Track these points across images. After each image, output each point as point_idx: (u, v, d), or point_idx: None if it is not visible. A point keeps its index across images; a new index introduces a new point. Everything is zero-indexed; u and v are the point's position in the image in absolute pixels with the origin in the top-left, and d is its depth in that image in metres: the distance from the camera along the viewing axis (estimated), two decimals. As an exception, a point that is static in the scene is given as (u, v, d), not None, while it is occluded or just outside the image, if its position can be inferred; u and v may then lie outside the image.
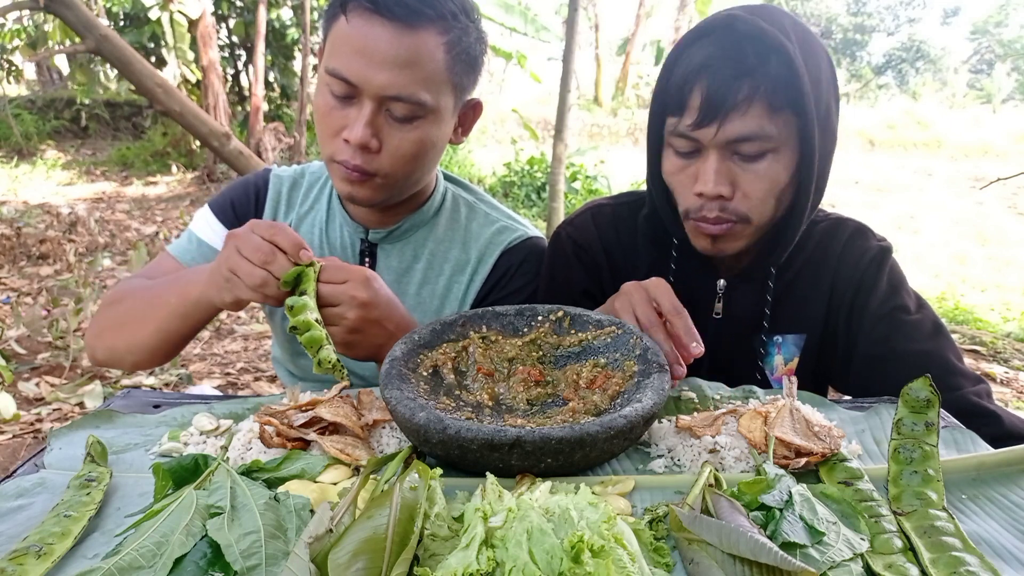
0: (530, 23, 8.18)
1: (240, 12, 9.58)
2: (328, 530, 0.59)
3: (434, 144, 1.12)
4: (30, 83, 13.71)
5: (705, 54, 0.99)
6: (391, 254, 1.26)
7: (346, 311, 0.95)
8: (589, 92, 17.72)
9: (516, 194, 7.99)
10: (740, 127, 0.97)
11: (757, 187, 1.02)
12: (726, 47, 0.98)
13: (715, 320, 1.18)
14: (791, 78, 0.96)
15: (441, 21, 1.04)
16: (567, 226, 1.29)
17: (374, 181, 1.10)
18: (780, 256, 1.12)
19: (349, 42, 1.02)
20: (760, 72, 0.96)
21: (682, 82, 1.00)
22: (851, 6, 27.79)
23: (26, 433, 2.78)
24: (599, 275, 1.25)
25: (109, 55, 6.16)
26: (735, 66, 0.96)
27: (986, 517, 0.69)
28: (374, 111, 1.04)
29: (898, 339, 1.10)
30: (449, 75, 1.07)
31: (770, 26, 0.97)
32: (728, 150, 1.00)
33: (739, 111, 0.97)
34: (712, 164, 1.01)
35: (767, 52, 0.96)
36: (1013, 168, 6.12)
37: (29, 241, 5.56)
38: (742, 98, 0.96)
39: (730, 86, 0.96)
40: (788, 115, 0.98)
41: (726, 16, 0.99)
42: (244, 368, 3.62)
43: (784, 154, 1.01)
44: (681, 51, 1.03)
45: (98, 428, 0.87)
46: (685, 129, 1.01)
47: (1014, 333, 4.43)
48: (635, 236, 1.24)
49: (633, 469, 0.78)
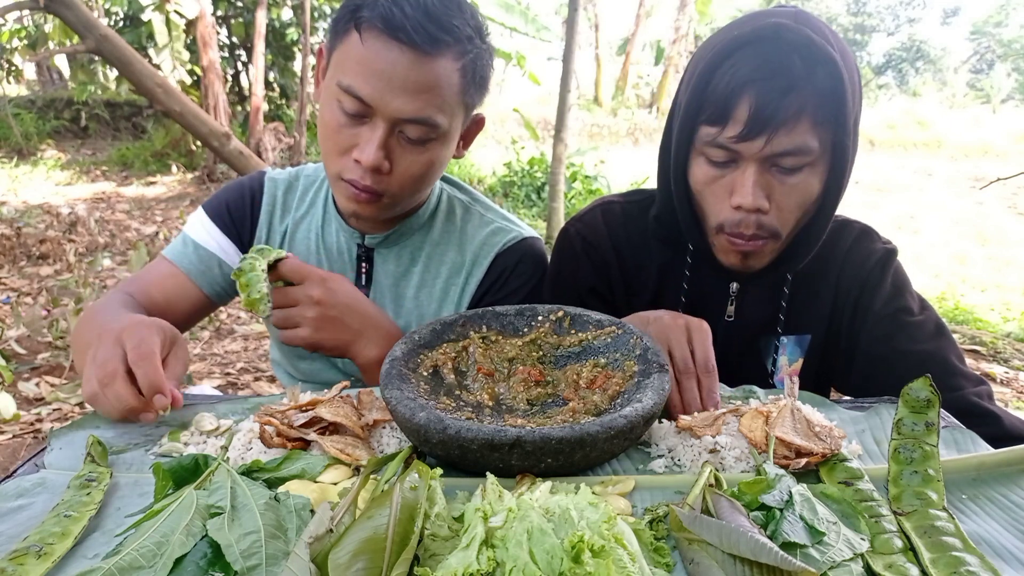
0: (530, 23, 8.18)
1: (240, 12, 9.58)
2: (328, 530, 0.59)
3: (441, 163, 1.13)
4: (30, 83, 13.71)
5: (752, 65, 0.95)
6: (388, 258, 1.26)
7: (305, 310, 1.03)
8: (589, 92, 17.73)
9: (516, 194, 7.99)
10: (786, 142, 0.95)
11: (791, 200, 1.00)
12: (774, 58, 0.94)
13: (726, 322, 1.18)
14: (838, 91, 0.94)
15: (458, 46, 1.02)
16: (576, 222, 1.28)
17: (381, 201, 1.10)
18: (798, 263, 1.11)
19: (365, 63, 1.00)
20: (808, 86, 0.93)
21: (727, 92, 0.96)
22: (851, 6, 27.79)
23: (26, 433, 2.78)
24: (608, 273, 1.24)
25: (109, 55, 6.16)
26: (785, 80, 0.93)
27: (986, 517, 0.69)
28: (387, 133, 1.03)
29: (900, 339, 1.10)
30: (462, 97, 1.07)
31: (818, 36, 0.95)
32: (768, 163, 0.98)
33: (787, 126, 0.94)
34: (751, 176, 0.98)
35: (815, 64, 0.94)
36: (1013, 168, 6.11)
37: (29, 241, 5.56)
38: (791, 113, 0.94)
39: (780, 101, 0.93)
40: (828, 128, 0.97)
41: (773, 25, 0.96)
42: (244, 368, 3.62)
43: (819, 167, 0.99)
44: (723, 59, 0.98)
45: (98, 428, 0.87)
46: (726, 141, 0.98)
47: (1014, 333, 4.43)
48: (645, 235, 1.23)
49: (633, 469, 0.78)
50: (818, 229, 1.06)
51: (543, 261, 1.30)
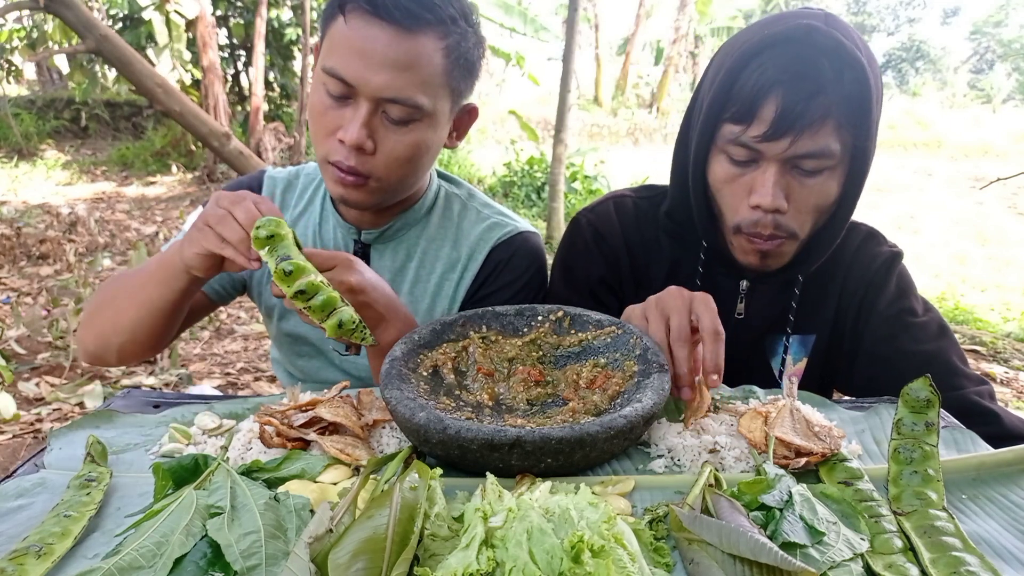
0: (530, 23, 8.18)
1: (240, 12, 9.58)
2: (328, 530, 0.59)
3: (428, 148, 1.12)
4: (30, 83, 13.71)
5: (781, 65, 0.95)
6: (384, 254, 1.26)
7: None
8: (589, 92, 17.74)
9: (516, 194, 7.99)
10: (810, 144, 0.96)
11: (809, 202, 1.00)
12: (804, 60, 0.95)
13: (736, 320, 1.18)
14: (864, 96, 0.95)
15: (440, 26, 1.04)
16: (588, 213, 1.27)
17: (368, 185, 1.09)
18: (812, 265, 1.11)
19: (347, 42, 1.02)
20: (835, 90, 0.94)
21: (754, 91, 0.96)
22: (851, 6, 27.80)
23: (26, 433, 2.78)
24: (618, 266, 1.24)
25: (109, 55, 6.16)
26: (813, 82, 0.94)
27: (986, 517, 0.69)
28: (370, 112, 1.04)
29: (903, 339, 1.11)
30: (447, 79, 1.07)
31: (847, 40, 0.95)
32: (789, 164, 0.99)
33: (812, 129, 0.95)
34: (772, 176, 0.98)
35: (843, 68, 0.94)
36: (1013, 168, 6.12)
37: (29, 241, 5.56)
38: (817, 116, 0.94)
39: (807, 103, 0.94)
40: (850, 132, 0.97)
41: (805, 27, 0.96)
42: (244, 368, 3.62)
43: (838, 170, 1.00)
44: (751, 57, 0.98)
45: (98, 428, 0.87)
46: (749, 140, 0.98)
47: (1014, 333, 4.43)
48: (656, 231, 1.23)
49: (633, 469, 0.78)
50: (834, 231, 1.07)
51: (539, 256, 1.30)
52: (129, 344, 1.12)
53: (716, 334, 0.86)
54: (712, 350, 0.86)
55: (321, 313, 0.84)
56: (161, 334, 1.12)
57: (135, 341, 1.12)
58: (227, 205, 0.93)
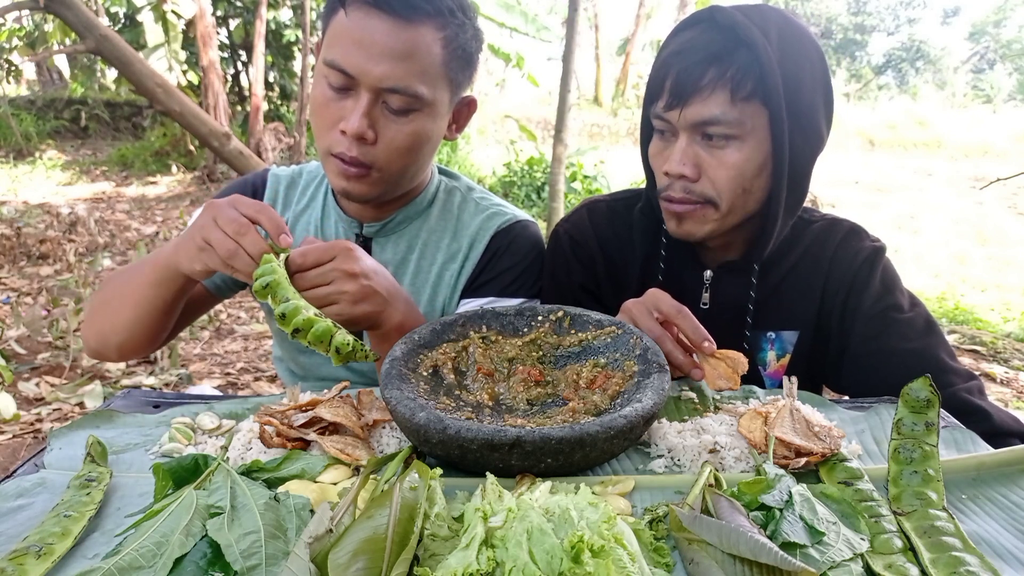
0: (530, 23, 8.18)
1: (240, 12, 9.58)
2: (328, 530, 0.59)
3: (429, 138, 1.14)
4: (30, 83, 13.70)
5: (682, 41, 1.06)
6: (385, 247, 1.27)
7: (343, 285, 0.95)
8: (589, 92, 17.72)
9: (516, 194, 8.00)
10: (702, 110, 1.02)
11: (722, 173, 1.06)
12: (701, 36, 1.04)
13: (703, 310, 1.20)
14: (758, 70, 1.00)
15: (439, 17, 1.06)
16: (564, 223, 1.32)
17: (370, 176, 1.11)
18: (762, 253, 1.14)
19: (348, 34, 1.04)
20: (726, 60, 1.01)
21: (661, 67, 1.07)
22: (851, 6, 27.79)
23: (26, 433, 2.78)
24: (594, 269, 1.27)
25: (109, 55, 6.15)
26: (703, 53, 1.02)
27: (986, 517, 0.69)
28: (371, 102, 1.06)
29: (890, 337, 1.11)
30: (445, 70, 1.09)
31: (746, 20, 1.02)
32: (696, 132, 1.05)
33: (701, 95, 1.02)
34: (680, 145, 1.06)
35: (737, 43, 1.01)
36: (1013, 168, 6.11)
37: (29, 241, 5.56)
38: (706, 83, 1.01)
39: (694, 71, 1.02)
40: (757, 107, 1.02)
41: (711, 9, 1.06)
42: (244, 368, 3.62)
43: (751, 144, 1.04)
44: (668, 40, 1.10)
45: (98, 428, 0.87)
46: (660, 111, 1.07)
47: (1014, 333, 4.43)
48: (630, 231, 1.26)
49: (633, 469, 0.78)
50: (772, 215, 1.10)
51: (538, 242, 1.32)
52: (128, 342, 1.16)
53: (680, 311, 0.95)
54: (686, 325, 0.94)
55: (320, 345, 0.87)
56: (159, 331, 1.16)
57: (133, 339, 1.15)
58: (233, 234, 0.92)
